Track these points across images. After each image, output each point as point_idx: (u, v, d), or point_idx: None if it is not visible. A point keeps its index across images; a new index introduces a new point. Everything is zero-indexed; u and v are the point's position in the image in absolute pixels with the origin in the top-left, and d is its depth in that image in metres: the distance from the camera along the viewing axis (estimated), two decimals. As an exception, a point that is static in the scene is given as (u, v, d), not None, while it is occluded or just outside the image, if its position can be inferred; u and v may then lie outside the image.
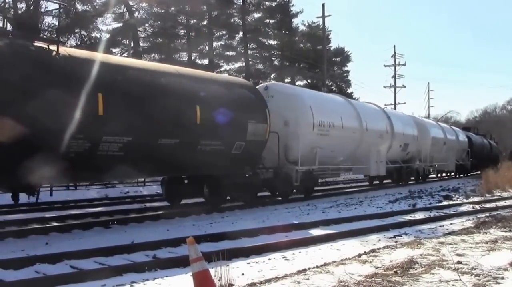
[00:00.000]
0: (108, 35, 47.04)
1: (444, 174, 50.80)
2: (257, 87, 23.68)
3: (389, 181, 36.45)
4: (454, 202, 22.62)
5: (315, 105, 24.29)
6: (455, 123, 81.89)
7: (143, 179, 26.62)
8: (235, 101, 19.03)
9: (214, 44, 56.21)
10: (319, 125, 24.02)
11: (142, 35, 51.64)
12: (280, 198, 23.04)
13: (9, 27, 15.78)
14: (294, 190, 23.76)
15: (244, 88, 20.71)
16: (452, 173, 51.27)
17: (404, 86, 79.73)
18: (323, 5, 51.27)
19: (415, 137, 36.43)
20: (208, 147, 17.53)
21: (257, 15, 59.43)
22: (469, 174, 53.67)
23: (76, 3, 41.60)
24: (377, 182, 36.50)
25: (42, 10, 40.07)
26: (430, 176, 45.95)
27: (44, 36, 35.18)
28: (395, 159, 33.75)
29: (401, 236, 13.24)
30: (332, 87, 62.45)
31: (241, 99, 19.58)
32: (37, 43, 13.47)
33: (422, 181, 39.80)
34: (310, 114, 23.58)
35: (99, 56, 15.38)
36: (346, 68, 69.60)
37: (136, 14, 49.03)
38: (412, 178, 38.60)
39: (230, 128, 18.26)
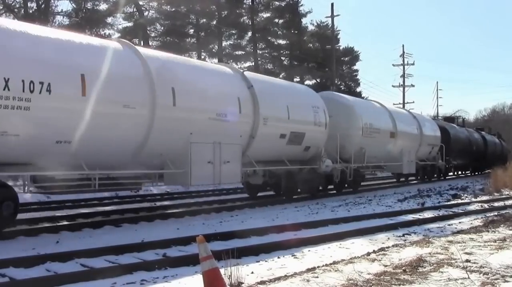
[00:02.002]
0: (118, 34, 47.20)
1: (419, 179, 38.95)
2: None
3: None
4: (462, 201, 22.63)
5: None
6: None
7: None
8: None
9: (224, 43, 56.33)
10: None
11: (152, 34, 51.76)
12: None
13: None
14: None
15: None
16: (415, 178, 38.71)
17: (412, 86, 79.77)
18: (332, 4, 51.44)
19: (322, 125, 23.14)
20: None
21: (266, 14, 59.48)
22: (445, 178, 43.84)
23: (86, 2, 41.81)
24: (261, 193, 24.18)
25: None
26: (365, 183, 32.00)
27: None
28: (276, 157, 21.15)
29: (410, 235, 13.26)
30: (341, 87, 62.41)
31: None
32: None
33: (353, 191, 27.74)
34: None
35: None
36: (355, 67, 69.71)
37: (146, 13, 49.17)
38: (329, 187, 26.85)
39: None
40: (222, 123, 17.48)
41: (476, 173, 54.05)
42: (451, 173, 48.64)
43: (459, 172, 52.44)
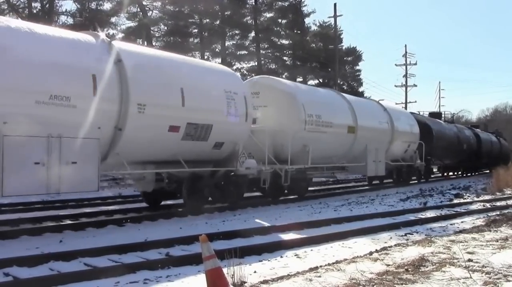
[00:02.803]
0: (122, 34, 47.28)
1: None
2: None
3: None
4: (465, 201, 22.68)
5: None
6: (466, 123, 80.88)
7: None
8: None
9: (227, 43, 56.37)
10: None
11: (156, 34, 51.83)
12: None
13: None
14: None
15: None
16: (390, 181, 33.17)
17: (415, 85, 79.70)
18: (335, 5, 51.46)
19: (241, 115, 18.12)
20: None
21: (269, 14, 59.54)
22: (427, 180, 37.59)
23: (90, 2, 41.98)
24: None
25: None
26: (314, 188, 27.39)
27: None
28: (170, 157, 16.18)
29: (412, 234, 13.31)
30: (344, 86, 62.40)
31: None
32: None
33: (298, 199, 22.78)
34: None
35: None
36: (357, 67, 69.68)
37: (149, 13, 49.25)
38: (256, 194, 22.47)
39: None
40: (63, 110, 12.57)
41: (469, 174, 50.72)
42: (439, 174, 46.71)
43: (450, 173, 48.75)
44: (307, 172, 23.19)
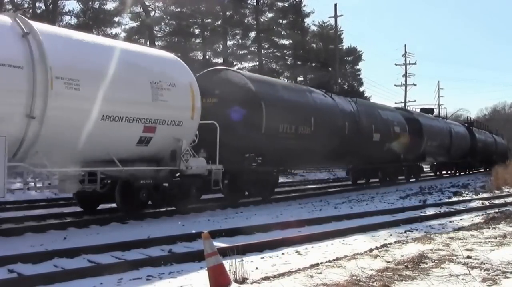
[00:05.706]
0: (124, 34, 47.38)
1: None
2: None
3: None
4: (463, 198, 22.77)
5: None
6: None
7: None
8: None
9: (228, 43, 56.39)
10: None
11: (158, 34, 51.85)
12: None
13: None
14: None
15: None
16: None
17: (414, 85, 79.38)
18: (335, 5, 51.47)
19: None
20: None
21: (270, 15, 59.51)
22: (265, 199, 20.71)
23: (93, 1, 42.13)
24: None
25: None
26: None
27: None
28: None
29: (412, 232, 13.38)
30: (344, 86, 62.42)
31: None
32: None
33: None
34: None
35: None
36: (357, 67, 69.68)
37: (152, 13, 49.30)
38: None
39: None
40: None
41: (407, 181, 34.31)
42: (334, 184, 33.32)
43: (371, 181, 31.93)
44: None
